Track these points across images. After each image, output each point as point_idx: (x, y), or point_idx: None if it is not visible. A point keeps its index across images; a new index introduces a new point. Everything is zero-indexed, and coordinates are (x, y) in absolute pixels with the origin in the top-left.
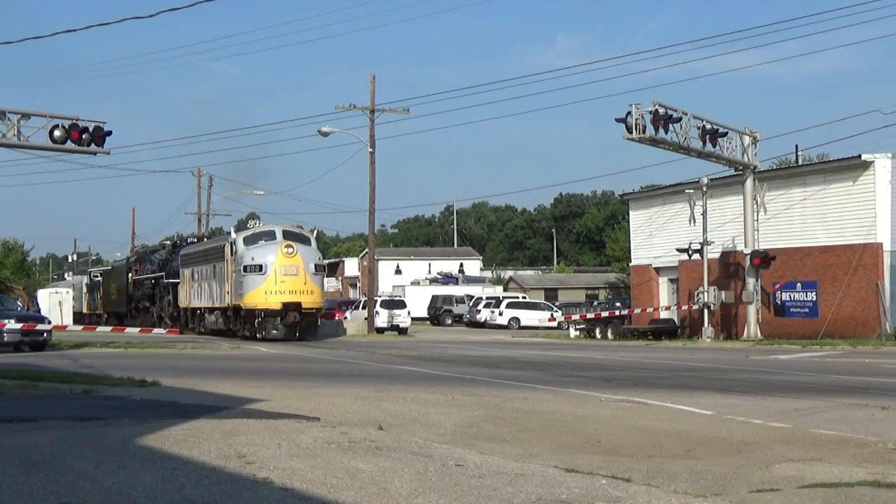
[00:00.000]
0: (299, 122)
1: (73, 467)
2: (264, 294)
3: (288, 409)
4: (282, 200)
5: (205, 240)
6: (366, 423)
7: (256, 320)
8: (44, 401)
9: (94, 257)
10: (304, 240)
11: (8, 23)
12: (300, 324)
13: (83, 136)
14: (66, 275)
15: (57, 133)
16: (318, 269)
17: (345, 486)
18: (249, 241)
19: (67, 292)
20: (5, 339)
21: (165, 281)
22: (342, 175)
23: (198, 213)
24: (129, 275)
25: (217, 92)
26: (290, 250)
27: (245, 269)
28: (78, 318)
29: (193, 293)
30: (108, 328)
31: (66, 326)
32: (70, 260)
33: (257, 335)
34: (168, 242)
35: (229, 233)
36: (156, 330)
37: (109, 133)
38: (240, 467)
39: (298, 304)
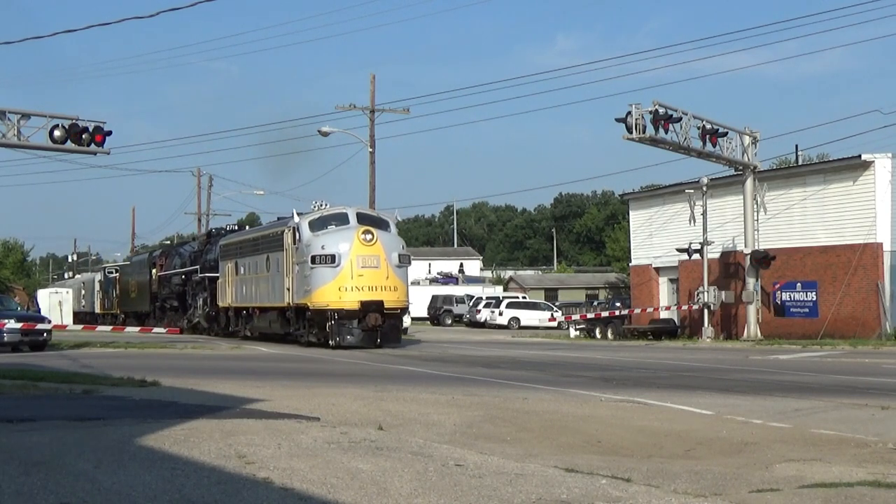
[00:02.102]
0: (299, 122)
1: (73, 467)
2: (338, 291)
3: (288, 409)
4: (282, 200)
5: (246, 227)
6: (366, 423)
7: (328, 323)
8: (44, 401)
9: (94, 257)
10: (382, 224)
11: (8, 23)
12: (381, 327)
13: (83, 136)
14: (66, 274)
15: (57, 133)
16: (403, 260)
17: (345, 486)
18: (316, 225)
19: (67, 292)
20: (5, 339)
21: (200, 276)
22: (342, 175)
23: (198, 213)
24: (153, 270)
25: (217, 92)
26: (369, 237)
27: (313, 259)
28: (90, 318)
29: (238, 290)
30: (108, 328)
31: (66, 326)
32: (70, 260)
33: (329, 342)
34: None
35: (288, 217)
36: (155, 329)
37: (109, 133)
38: (240, 467)
39: (380, 304)
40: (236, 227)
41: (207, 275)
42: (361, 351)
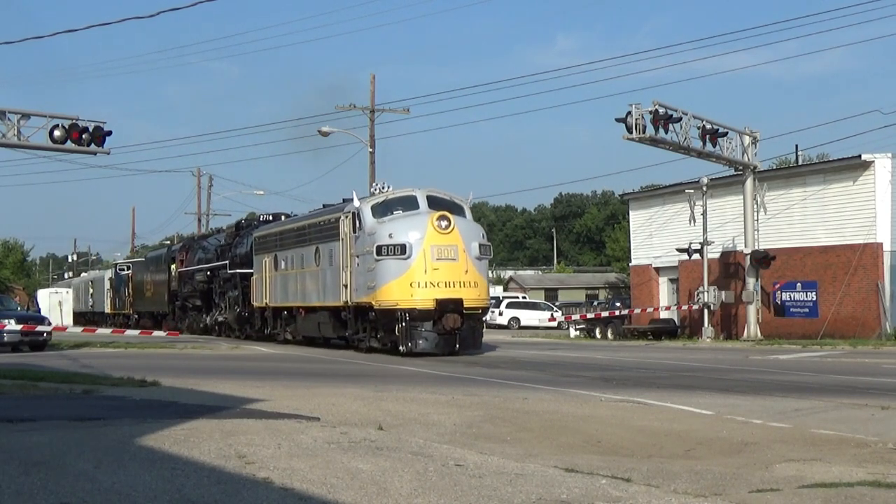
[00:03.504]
0: (299, 122)
1: (73, 467)
2: (409, 287)
3: (288, 409)
4: (282, 200)
5: (282, 217)
6: (366, 423)
7: (397, 325)
8: (44, 401)
9: (94, 257)
10: (456, 209)
11: (8, 23)
12: (460, 330)
13: (83, 136)
14: (66, 274)
15: (57, 133)
16: (484, 251)
17: (345, 486)
18: (380, 210)
19: (67, 292)
20: (5, 339)
21: (229, 272)
22: (342, 175)
23: (198, 213)
24: (172, 266)
25: (217, 92)
26: (445, 224)
27: (379, 250)
28: (99, 319)
29: (277, 287)
30: (109, 330)
31: (66, 327)
32: (70, 260)
33: (400, 347)
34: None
35: (346, 200)
36: (156, 332)
37: (109, 133)
38: (240, 467)
39: (459, 302)
40: (270, 218)
41: (238, 271)
42: (361, 351)
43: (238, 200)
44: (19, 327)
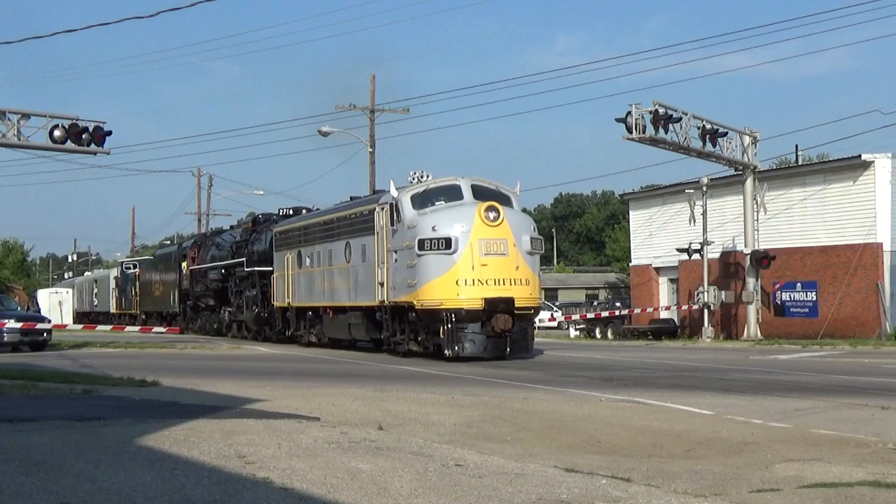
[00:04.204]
0: (299, 122)
1: (72, 467)
2: (455, 285)
3: (288, 408)
4: (282, 200)
5: (304, 211)
6: (366, 423)
7: (442, 327)
8: (44, 401)
9: (94, 257)
10: (504, 200)
11: (8, 23)
12: (511, 333)
13: (83, 136)
14: (66, 274)
15: (57, 133)
16: (535, 245)
17: (345, 486)
18: (420, 201)
19: (67, 292)
20: (5, 338)
21: (247, 270)
22: (342, 175)
23: (198, 213)
24: (183, 264)
25: (217, 92)
26: (494, 215)
27: (421, 245)
28: (105, 320)
29: (301, 286)
30: (108, 328)
31: (66, 326)
32: (70, 260)
33: (445, 351)
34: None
35: (377, 192)
36: (156, 329)
37: (109, 133)
38: (240, 467)
39: (509, 301)
40: (290, 212)
41: (256, 268)
42: (361, 350)
43: (238, 200)
44: (19, 326)
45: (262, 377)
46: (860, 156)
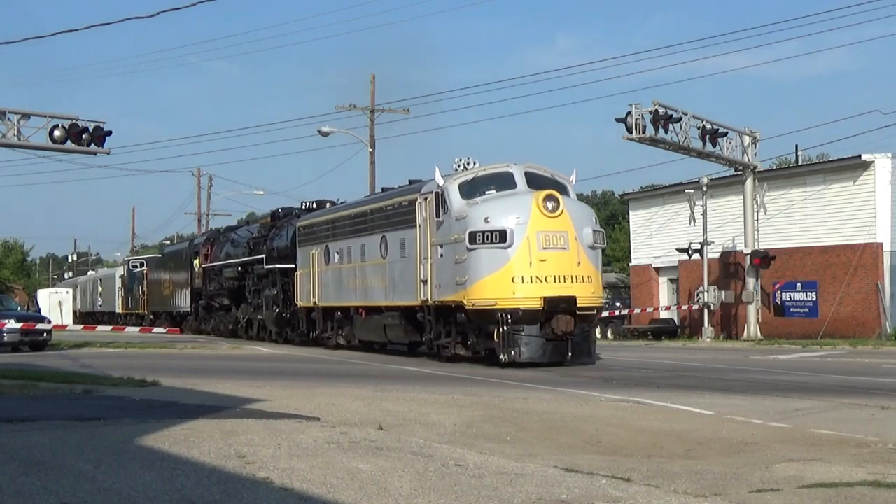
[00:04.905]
0: (299, 122)
1: (73, 467)
2: (510, 283)
3: (288, 409)
4: (282, 200)
5: (327, 205)
6: (366, 423)
7: (496, 329)
8: (44, 401)
9: (94, 257)
10: (560, 188)
11: (8, 23)
12: (572, 335)
13: (83, 136)
14: (66, 274)
15: (57, 133)
16: (598, 239)
17: (345, 486)
18: (469, 190)
19: (67, 292)
20: (5, 339)
21: (266, 267)
22: (342, 175)
23: (198, 213)
24: (195, 262)
25: (217, 92)
26: (553, 205)
27: (472, 238)
28: (110, 320)
29: (329, 284)
30: (108, 328)
31: (66, 326)
32: (70, 260)
33: (500, 356)
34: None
35: (414, 182)
36: (156, 329)
37: (109, 133)
38: (240, 467)
39: (571, 301)
40: (314, 206)
41: (277, 266)
42: (361, 350)
43: (238, 200)
44: (19, 327)
45: (263, 377)
46: (860, 156)
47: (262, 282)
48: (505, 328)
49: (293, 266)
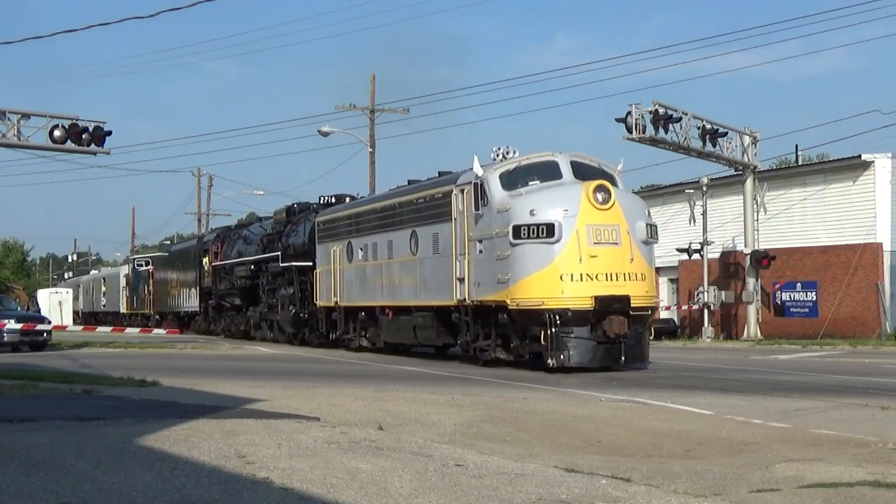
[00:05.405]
0: (299, 122)
1: (73, 467)
2: (558, 281)
3: (288, 409)
4: (282, 200)
5: (347, 199)
6: (366, 423)
7: (542, 331)
8: (44, 401)
9: (94, 257)
10: (609, 179)
11: (8, 23)
12: (625, 338)
13: (83, 136)
14: (66, 274)
15: (57, 133)
16: (651, 233)
17: (345, 486)
18: (510, 180)
19: (67, 292)
20: (5, 339)
21: (282, 265)
22: (342, 175)
23: (198, 213)
24: (205, 260)
25: (217, 92)
26: (604, 196)
27: (516, 232)
28: (114, 320)
29: (352, 283)
30: (108, 328)
31: (66, 326)
32: (70, 260)
33: (548, 361)
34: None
35: (443, 174)
36: (156, 330)
37: (109, 133)
38: (240, 467)
39: (625, 301)
40: (332, 200)
41: (294, 263)
42: (361, 351)
43: (238, 200)
44: (19, 327)
45: (263, 377)
46: (860, 156)
47: (276, 280)
48: (553, 330)
49: (311, 264)
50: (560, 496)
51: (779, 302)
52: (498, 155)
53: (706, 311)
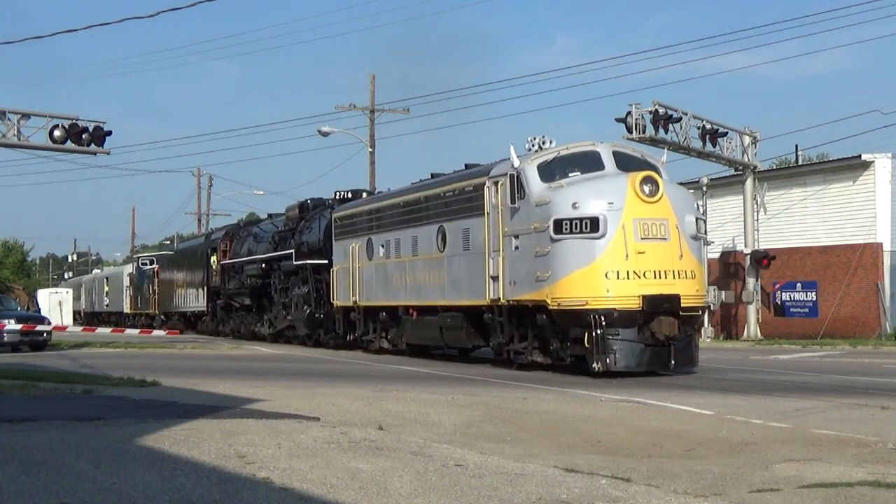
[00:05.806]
0: (299, 122)
1: (73, 467)
2: (603, 279)
3: (288, 409)
4: (283, 200)
5: (363, 195)
6: (366, 423)
7: (585, 333)
8: (44, 401)
9: (94, 257)
10: (655, 171)
11: (8, 23)
12: (675, 340)
13: (83, 136)
14: (66, 274)
15: (57, 133)
16: (701, 228)
17: (345, 486)
18: (549, 172)
19: (67, 292)
20: (5, 339)
21: (296, 263)
22: (342, 175)
23: (198, 213)
24: (213, 258)
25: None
26: (652, 189)
27: (557, 226)
28: (118, 321)
29: (372, 281)
30: (108, 329)
31: (66, 327)
32: (70, 260)
33: (594, 365)
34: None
35: (470, 167)
36: (156, 332)
37: (109, 133)
38: (240, 467)
39: (674, 300)
40: (349, 196)
41: (308, 261)
42: (361, 351)
43: (238, 200)
44: (19, 327)
45: (263, 377)
46: (860, 156)
47: (290, 279)
48: (598, 332)
49: (326, 262)
50: (560, 496)
51: (779, 302)
52: (533, 145)
53: (706, 311)
